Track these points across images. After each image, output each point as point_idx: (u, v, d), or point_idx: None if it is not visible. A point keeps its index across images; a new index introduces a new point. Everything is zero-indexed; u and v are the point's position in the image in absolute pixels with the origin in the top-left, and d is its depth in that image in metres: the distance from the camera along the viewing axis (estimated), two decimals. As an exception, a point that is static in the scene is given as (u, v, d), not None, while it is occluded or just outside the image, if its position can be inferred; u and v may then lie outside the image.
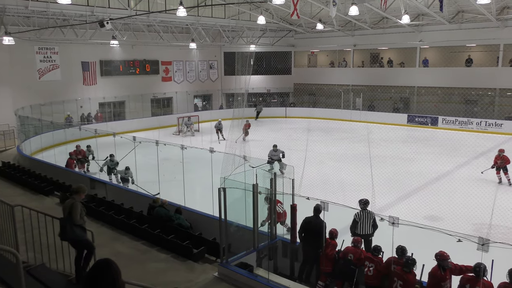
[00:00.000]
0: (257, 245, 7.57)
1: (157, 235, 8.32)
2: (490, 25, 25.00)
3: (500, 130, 24.13)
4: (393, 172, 15.23)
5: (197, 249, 7.77)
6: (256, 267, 7.34)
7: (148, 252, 8.03)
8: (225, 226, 7.16)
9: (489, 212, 10.31)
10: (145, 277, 6.83)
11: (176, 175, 12.25)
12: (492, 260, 5.48)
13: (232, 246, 7.50)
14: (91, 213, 9.25)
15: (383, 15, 26.30)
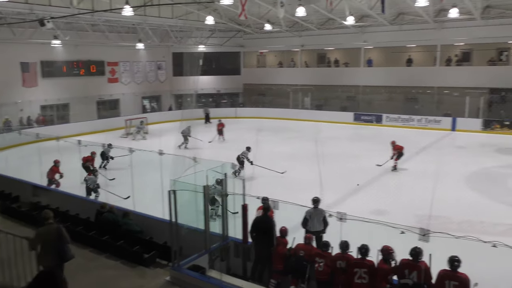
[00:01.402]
0: (209, 247, 7.54)
1: (105, 241, 8.07)
2: (428, 26, 26.31)
3: (438, 126, 25.44)
4: (341, 169, 15.67)
5: (148, 253, 7.62)
6: (209, 269, 7.30)
7: (96, 259, 7.78)
8: (176, 229, 7.07)
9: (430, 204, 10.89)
10: (94, 286, 6.62)
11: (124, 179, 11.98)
12: (430, 254, 5.77)
13: (184, 249, 7.41)
14: (34, 222, 8.82)
15: (329, 16, 26.98)
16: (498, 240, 5.60)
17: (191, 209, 7.85)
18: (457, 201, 11.82)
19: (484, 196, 12.50)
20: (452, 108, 26.49)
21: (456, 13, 21.61)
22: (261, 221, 7.44)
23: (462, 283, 5.60)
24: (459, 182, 13.68)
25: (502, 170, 15.70)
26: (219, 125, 23.26)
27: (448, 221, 10.43)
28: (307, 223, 8.37)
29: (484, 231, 9.78)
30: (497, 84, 25.15)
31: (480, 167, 15.93)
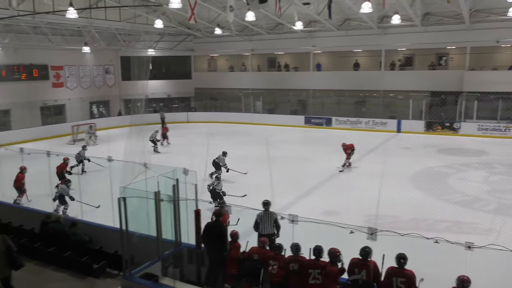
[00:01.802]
0: (161, 254, 7.41)
1: (51, 253, 7.74)
2: (373, 32, 27.35)
3: (385, 128, 26.46)
4: (293, 172, 15.90)
5: (98, 264, 7.38)
6: (162, 276, 7.18)
7: (42, 272, 7.43)
8: (127, 237, 6.89)
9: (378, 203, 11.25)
10: (40, 300, 6.32)
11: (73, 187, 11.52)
12: (383, 255, 5.99)
13: (135, 257, 7.23)
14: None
15: (278, 21, 27.38)
16: (441, 236, 5.89)
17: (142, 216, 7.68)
18: (403, 200, 12.30)
19: (427, 195, 13.11)
20: (397, 111, 27.68)
21: (398, 20, 22.59)
22: (212, 226, 7.41)
23: (408, 279, 5.84)
24: (405, 182, 14.26)
25: (443, 169, 16.55)
26: (164, 129, 23.31)
27: (395, 220, 10.86)
28: (259, 226, 8.43)
29: (428, 228, 10.26)
30: (438, 87, 26.53)
31: (423, 167, 16.70)
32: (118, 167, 9.91)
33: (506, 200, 12.57)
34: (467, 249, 5.49)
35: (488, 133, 23.98)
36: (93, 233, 8.83)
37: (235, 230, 7.16)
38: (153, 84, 32.87)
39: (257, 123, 29.06)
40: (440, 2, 22.81)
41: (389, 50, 28.35)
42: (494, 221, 10.72)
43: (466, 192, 13.39)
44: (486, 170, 16.47)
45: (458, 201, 12.56)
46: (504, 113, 24.84)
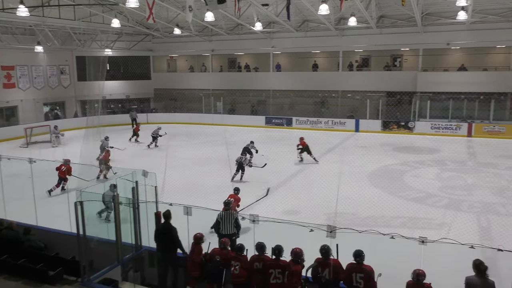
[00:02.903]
0: (121, 258, 7.27)
1: (4, 261, 7.40)
2: (331, 34, 27.91)
3: (344, 127, 27.06)
4: (254, 172, 15.95)
5: (54, 270, 7.13)
6: (122, 281, 7.05)
7: (-7, 282, 7.11)
8: (85, 242, 6.72)
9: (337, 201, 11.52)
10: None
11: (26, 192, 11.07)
12: (337, 244, 6.15)
13: (94, 262, 7.07)
14: None
15: (238, 22, 27.43)
16: (397, 232, 6.10)
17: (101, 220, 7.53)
18: (361, 198, 12.64)
19: (384, 192, 13.52)
20: (355, 111, 28.39)
21: (355, 22, 23.19)
22: (162, 228, 7.35)
23: (367, 275, 6.02)
24: (363, 180, 14.64)
25: (399, 167, 17.12)
26: (135, 129, 23.81)
27: (354, 217, 11.13)
28: (219, 226, 8.42)
29: (385, 224, 10.59)
30: (393, 88, 27.40)
31: (380, 165, 17.19)
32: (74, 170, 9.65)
33: (456, 196, 13.17)
34: (421, 243, 5.71)
35: (440, 132, 25.01)
36: (48, 239, 8.53)
37: (199, 233, 7.11)
38: (110, 84, 32.10)
39: (217, 124, 28.98)
40: (394, 5, 23.58)
41: (346, 51, 29.02)
42: (445, 216, 11.22)
43: (420, 189, 13.92)
44: (438, 167, 17.18)
45: (413, 198, 13.03)
46: (454, 113, 26.00)
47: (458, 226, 10.20)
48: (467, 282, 5.77)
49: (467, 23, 24.34)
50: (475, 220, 10.91)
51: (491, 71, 26.08)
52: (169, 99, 34.06)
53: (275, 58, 31.45)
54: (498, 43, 25.46)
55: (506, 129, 23.91)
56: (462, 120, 25.34)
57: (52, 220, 9.45)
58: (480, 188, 13.67)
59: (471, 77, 25.78)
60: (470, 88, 25.34)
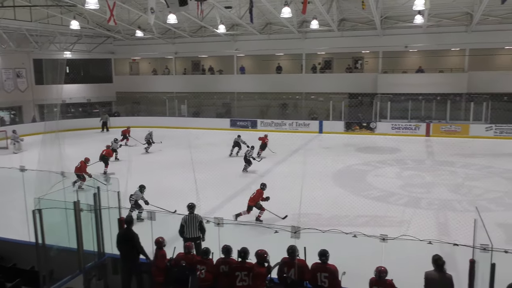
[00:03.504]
0: (83, 266, 7.08)
1: (-43, 274, 7.06)
2: (294, 36, 28.24)
3: (308, 129, 27.42)
4: (219, 175, 15.92)
5: (11, 282, 6.85)
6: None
7: None
8: (44, 252, 6.51)
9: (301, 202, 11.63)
10: None
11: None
12: (304, 248, 6.22)
13: (54, 272, 6.85)
14: None
15: (201, 24, 27.31)
16: (360, 231, 6.24)
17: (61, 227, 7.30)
18: (325, 198, 12.83)
19: (348, 192, 13.79)
20: (319, 112, 28.83)
21: (317, 25, 23.57)
22: (123, 234, 7.23)
23: (331, 274, 6.12)
24: (327, 180, 14.88)
25: (361, 167, 17.50)
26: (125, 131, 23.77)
27: (318, 217, 11.29)
28: (184, 230, 8.33)
29: (349, 223, 10.80)
30: (355, 89, 28.02)
31: (343, 165, 17.54)
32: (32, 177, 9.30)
33: (415, 194, 13.59)
34: (382, 241, 5.87)
35: (400, 132, 25.77)
36: (5, 249, 8.20)
37: (161, 237, 7.02)
38: (70, 88, 31.21)
39: (182, 127, 28.68)
40: (354, 9, 24.12)
41: (309, 54, 29.46)
42: (406, 214, 11.56)
43: (382, 188, 14.29)
44: (399, 166, 17.69)
45: (375, 197, 13.36)
46: (413, 113, 26.88)
47: (417, 223, 10.54)
48: (427, 277, 5.97)
49: (423, 27, 25.23)
50: (434, 217, 11.29)
51: (446, 72, 27.13)
52: (132, 103, 33.48)
53: (239, 61, 31.51)
54: (453, 46, 26.53)
55: (462, 129, 24.91)
56: (420, 120, 26.21)
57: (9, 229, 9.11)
58: (438, 186, 14.16)
59: (428, 79, 26.74)
60: (428, 89, 26.28)
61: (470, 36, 25.39)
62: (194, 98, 31.52)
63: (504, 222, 10.70)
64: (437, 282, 5.87)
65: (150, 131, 22.01)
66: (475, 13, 22.95)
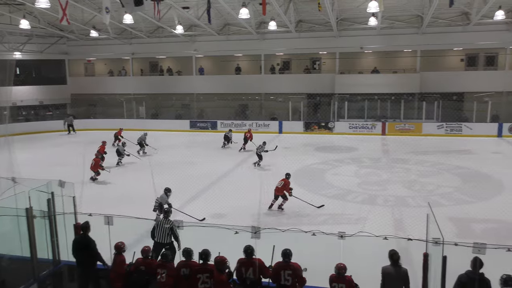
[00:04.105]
0: (37, 275, 6.83)
1: None
2: (252, 37, 28.39)
3: (268, 129, 27.61)
4: (179, 177, 15.73)
5: (-41, 295, 6.53)
6: (39, 299, 6.63)
7: None
8: (-6, 261, 6.23)
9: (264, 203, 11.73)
10: None
11: None
12: (273, 246, 6.28)
13: (6, 282, 6.58)
14: None
15: (158, 24, 26.93)
16: (320, 229, 6.36)
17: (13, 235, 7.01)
18: (286, 197, 12.97)
19: (307, 191, 13.97)
20: (278, 113, 29.11)
21: (274, 26, 23.79)
22: (79, 241, 7.03)
23: (294, 271, 6.20)
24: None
25: (320, 166, 17.82)
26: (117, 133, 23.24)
27: (279, 217, 11.39)
28: (154, 233, 8.11)
29: (309, 222, 10.97)
30: (313, 90, 28.50)
31: (303, 165, 17.77)
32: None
33: (371, 191, 13.98)
34: (340, 238, 6.00)
35: (358, 131, 26.43)
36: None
37: (120, 242, 6.87)
38: (21, 90, 29.97)
39: (140, 129, 28.08)
40: (311, 11, 24.52)
41: (268, 54, 29.69)
42: (363, 211, 11.87)
43: (340, 186, 14.59)
44: (356, 164, 18.14)
45: (333, 195, 13.63)
46: (370, 112, 27.67)
47: (374, 219, 10.85)
48: (383, 271, 6.16)
49: (377, 29, 26.01)
50: (389, 213, 11.66)
51: (400, 73, 28.09)
52: (88, 105, 32.53)
53: (198, 62, 31.32)
54: (406, 47, 27.51)
55: (415, 127, 25.86)
56: (376, 119, 27.00)
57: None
58: (393, 183, 14.64)
59: (383, 79, 27.59)
60: (383, 89, 27.11)
61: (421, 38, 26.44)
62: (153, 99, 31.05)
63: (454, 216, 11.20)
64: (393, 276, 6.07)
65: (145, 133, 21.56)
66: (425, 15, 23.89)
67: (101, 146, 18.02)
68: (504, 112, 25.58)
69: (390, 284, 6.09)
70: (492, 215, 11.29)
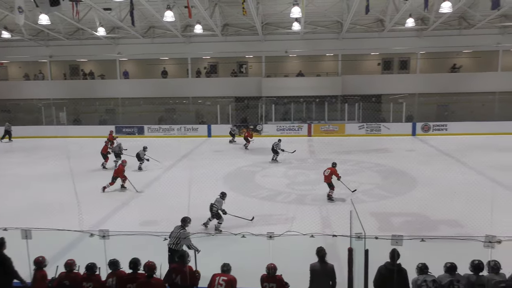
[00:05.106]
0: None
1: None
2: (178, 40, 28.09)
3: (197, 133, 27.42)
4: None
5: None
6: None
7: None
8: None
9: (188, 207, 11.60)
10: None
11: None
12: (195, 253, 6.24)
13: None
14: None
15: (78, 26, 25.69)
16: (250, 231, 6.46)
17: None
18: (216, 201, 12.99)
19: (238, 193, 14.08)
20: (207, 116, 29.04)
21: (200, 29, 23.75)
22: None
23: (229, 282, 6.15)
24: (218, 183, 14.99)
25: (250, 168, 18.04)
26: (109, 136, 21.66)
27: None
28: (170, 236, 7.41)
29: (240, 224, 11.03)
30: (240, 93, 28.82)
31: (234, 167, 17.88)
32: None
33: (300, 191, 14.41)
34: (269, 238, 6.14)
35: (285, 133, 27.09)
36: None
37: (40, 256, 6.46)
38: None
39: (62, 136, 26.60)
40: (236, 15, 24.79)
41: (194, 58, 29.54)
42: (292, 210, 12.19)
43: (270, 187, 14.87)
44: (285, 165, 18.59)
45: (264, 196, 13.85)
46: (296, 115, 28.53)
47: (303, 218, 11.18)
48: (311, 268, 6.39)
49: (301, 33, 26.91)
50: (317, 211, 12.08)
51: (323, 76, 29.26)
52: (2, 111, 30.18)
53: (122, 65, 30.37)
54: (327, 52, 28.74)
55: (339, 128, 27.06)
56: (302, 121, 27.87)
57: None
58: (321, 182, 15.13)
59: (307, 82, 28.59)
60: (307, 92, 28.07)
61: (341, 43, 27.78)
62: (74, 104, 29.58)
63: (376, 211, 11.87)
64: (320, 273, 6.32)
65: (119, 143, 19.61)
66: (344, 22, 25.14)
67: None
68: (417, 113, 27.62)
69: (317, 280, 6.32)
70: (408, 209, 12.13)
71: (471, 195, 12.28)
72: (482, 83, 27.84)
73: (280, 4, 23.90)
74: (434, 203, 12.19)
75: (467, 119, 26.44)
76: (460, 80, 28.07)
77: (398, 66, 30.00)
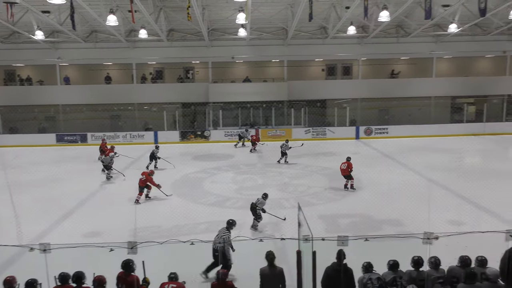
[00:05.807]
0: None
1: None
2: (122, 45, 27.42)
3: (143, 140, 26.81)
4: (44, 196, 14.48)
5: None
6: None
7: None
8: None
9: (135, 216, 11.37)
10: None
11: None
12: (143, 261, 6.11)
13: None
14: None
15: (14, 29, 24.40)
16: (200, 238, 6.41)
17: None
18: (164, 209, 12.77)
19: (186, 200, 13.94)
20: (153, 123, 28.48)
21: (145, 34, 23.36)
22: None
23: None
24: (166, 191, 14.75)
25: (198, 174, 17.90)
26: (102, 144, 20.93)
27: (158, 230, 11.13)
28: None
29: (189, 231, 10.91)
30: (187, 99, 28.58)
31: (181, 174, 17.66)
32: None
33: (249, 196, 14.34)
34: (219, 244, 6.13)
35: (233, 138, 27.06)
36: None
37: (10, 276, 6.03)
38: None
39: (-4, 145, 25.21)
40: (182, 20, 24.59)
41: (139, 63, 28.94)
42: (241, 216, 12.21)
43: (219, 193, 14.82)
44: (233, 171, 18.62)
45: (212, 202, 13.79)
46: (244, 120, 28.67)
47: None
48: (261, 273, 6.44)
49: (247, 39, 27.14)
50: (267, 216, 12.18)
51: (270, 82, 29.65)
52: None
53: (63, 70, 29.17)
54: (273, 58, 29.19)
55: (286, 132, 27.47)
56: (250, 126, 28.05)
57: None
58: (268, 187, 15.31)
59: (254, 88, 28.84)
60: (255, 97, 28.31)
61: (287, 49, 28.34)
62: (10, 112, 27.94)
63: (323, 214, 12.18)
64: (269, 277, 6.39)
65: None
66: (289, 28, 25.67)
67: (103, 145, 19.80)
68: (360, 117, 28.65)
69: (267, 284, 6.39)
70: (354, 210, 12.56)
71: (411, 194, 12.94)
72: (419, 88, 29.40)
73: (226, 10, 24.02)
74: (378, 203, 12.67)
75: (405, 122, 27.82)
76: (399, 86, 29.47)
77: (341, 72, 31.02)
